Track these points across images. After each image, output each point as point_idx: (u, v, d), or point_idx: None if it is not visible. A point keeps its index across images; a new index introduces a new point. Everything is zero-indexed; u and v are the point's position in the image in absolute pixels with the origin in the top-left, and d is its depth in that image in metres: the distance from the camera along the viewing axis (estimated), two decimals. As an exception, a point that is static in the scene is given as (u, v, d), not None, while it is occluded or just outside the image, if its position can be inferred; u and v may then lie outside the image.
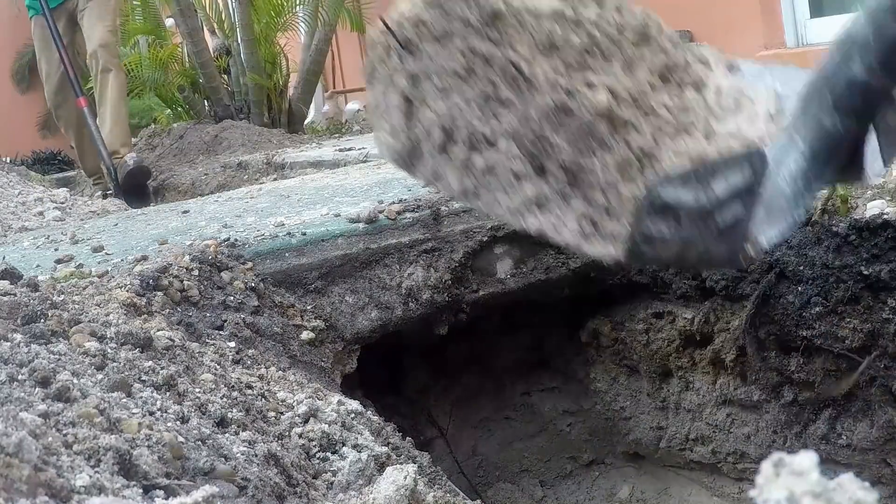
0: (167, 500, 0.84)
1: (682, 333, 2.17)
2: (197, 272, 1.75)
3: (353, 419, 1.39)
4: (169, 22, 7.72)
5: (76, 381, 1.03)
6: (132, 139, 5.73)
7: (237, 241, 1.96)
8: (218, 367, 1.40)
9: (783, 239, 0.93)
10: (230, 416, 1.19)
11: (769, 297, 1.92)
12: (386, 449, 1.31)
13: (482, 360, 2.50)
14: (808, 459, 0.45)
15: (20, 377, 0.99)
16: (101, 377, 1.09)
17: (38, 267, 2.00)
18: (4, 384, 0.96)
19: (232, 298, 1.75)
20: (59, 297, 1.49)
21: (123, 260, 1.93)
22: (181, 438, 1.00)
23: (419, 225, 2.08)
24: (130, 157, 5.25)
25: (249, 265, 1.87)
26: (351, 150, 4.39)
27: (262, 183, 4.12)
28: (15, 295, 1.35)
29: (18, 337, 1.15)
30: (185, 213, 2.64)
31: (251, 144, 5.67)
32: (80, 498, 0.75)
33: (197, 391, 1.22)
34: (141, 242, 2.15)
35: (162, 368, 1.20)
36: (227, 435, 1.13)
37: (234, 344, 1.61)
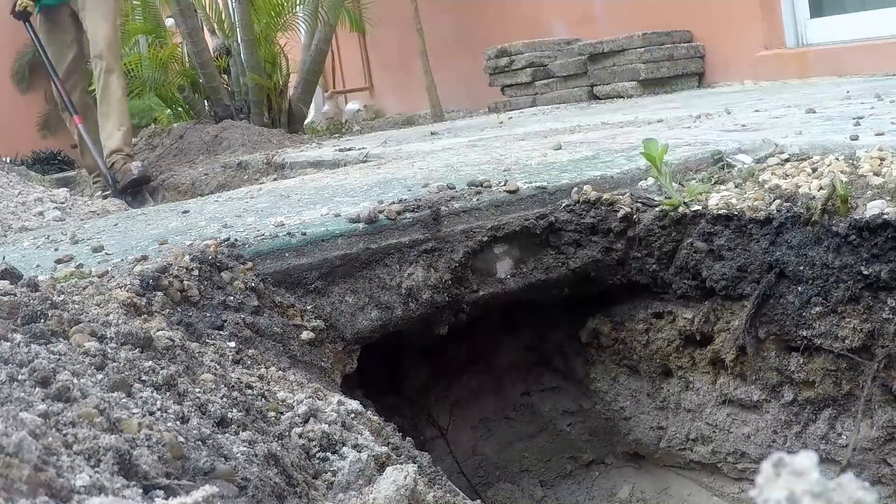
0: (167, 500, 0.84)
1: (682, 333, 2.17)
2: (197, 272, 1.75)
3: (353, 419, 1.39)
4: (169, 22, 7.72)
5: (76, 381, 1.03)
6: (132, 139, 5.74)
7: (237, 241, 1.96)
8: (218, 367, 1.40)
9: None
10: (230, 416, 1.19)
11: (769, 297, 1.92)
12: (386, 449, 1.31)
13: (482, 360, 2.50)
14: (808, 459, 0.45)
15: (20, 377, 0.99)
16: (101, 377, 1.09)
17: (38, 267, 2.00)
18: (4, 384, 0.96)
19: (232, 298, 1.75)
20: (59, 297, 1.49)
21: (123, 260, 1.93)
22: (181, 438, 1.00)
23: (419, 225, 2.08)
24: (136, 165, 5.29)
25: (249, 265, 1.87)
26: (351, 150, 4.39)
27: (262, 183, 4.12)
28: (15, 295, 1.35)
29: (18, 337, 1.15)
30: (185, 213, 2.64)
31: (251, 144, 5.67)
32: (80, 498, 0.75)
33: (197, 391, 1.22)
34: (141, 242, 2.15)
35: (162, 368, 1.20)
36: (227, 435, 1.13)
37: (234, 344, 1.61)
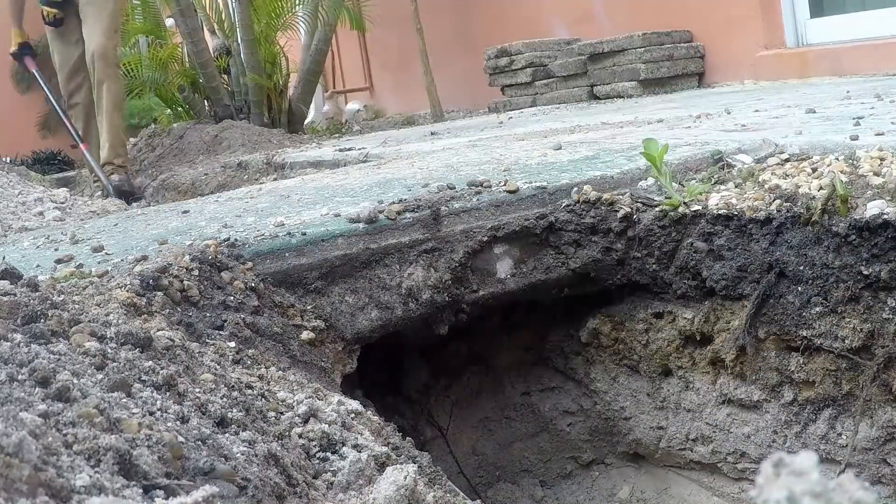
0: (167, 500, 0.84)
1: (682, 333, 2.17)
2: (197, 272, 1.75)
3: (353, 419, 1.39)
4: (169, 22, 7.72)
5: (76, 381, 1.03)
6: (129, 143, 5.74)
7: (237, 241, 1.96)
8: (218, 367, 1.40)
9: None
10: (230, 416, 1.19)
11: (769, 297, 1.92)
12: (386, 449, 1.31)
13: (482, 359, 2.50)
14: (808, 459, 0.45)
15: (20, 377, 0.99)
16: (101, 377, 1.09)
17: (38, 267, 2.00)
18: (4, 384, 0.96)
19: (232, 298, 1.75)
20: (59, 297, 1.49)
21: (123, 260, 1.93)
22: (181, 438, 1.00)
23: (419, 225, 2.08)
24: (113, 179, 5.31)
25: (249, 265, 1.87)
26: (351, 150, 4.40)
27: (262, 183, 4.12)
28: (15, 295, 1.35)
29: (18, 337, 1.15)
30: (185, 213, 2.64)
31: (251, 144, 5.67)
32: (80, 498, 0.75)
33: (197, 391, 1.22)
34: (141, 242, 2.15)
35: (162, 368, 1.20)
36: (227, 435, 1.13)
37: (234, 344, 1.61)
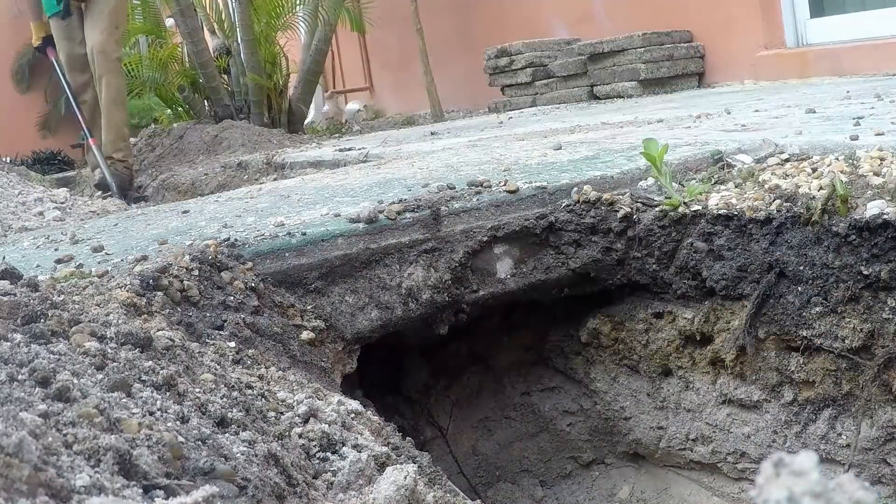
0: (167, 500, 0.84)
1: (682, 333, 2.17)
2: (197, 272, 1.75)
3: (353, 419, 1.39)
4: (169, 22, 7.72)
5: (76, 381, 1.03)
6: (130, 140, 5.75)
7: (237, 241, 1.96)
8: (218, 367, 1.40)
9: None
10: (230, 416, 1.19)
11: (769, 297, 1.92)
12: (386, 449, 1.31)
13: (482, 359, 2.50)
14: (808, 459, 0.45)
15: (20, 377, 0.99)
16: (101, 377, 1.09)
17: (38, 267, 2.00)
18: (4, 384, 0.96)
19: (232, 298, 1.75)
20: (59, 297, 1.49)
21: (123, 260, 1.93)
22: (181, 438, 1.00)
23: (419, 225, 2.08)
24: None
25: (249, 265, 1.87)
26: (351, 150, 4.40)
27: (262, 183, 4.12)
28: (15, 295, 1.35)
29: (18, 337, 1.15)
30: (185, 213, 2.64)
31: (251, 144, 5.68)
32: (80, 498, 0.75)
33: (197, 391, 1.22)
34: (141, 242, 2.15)
35: (162, 368, 1.20)
36: (227, 435, 1.13)
37: (234, 344, 1.61)
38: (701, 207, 2.04)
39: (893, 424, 1.84)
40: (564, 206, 2.18)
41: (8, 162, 6.88)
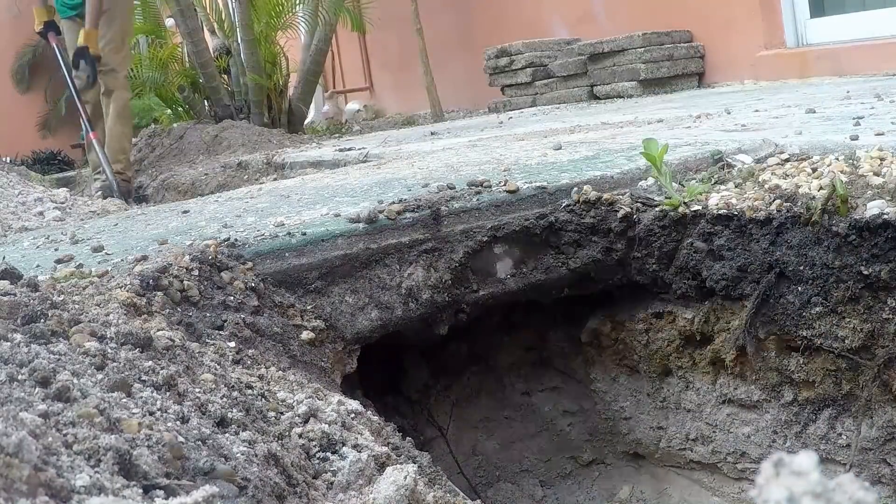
0: (167, 500, 0.84)
1: (682, 333, 2.17)
2: (197, 272, 1.75)
3: (353, 419, 1.39)
4: (169, 22, 7.73)
5: (76, 381, 1.03)
6: (128, 155, 5.78)
7: (237, 241, 1.96)
8: (218, 367, 1.40)
9: None
10: (230, 416, 1.19)
11: (769, 297, 1.92)
12: (386, 449, 1.31)
13: (482, 359, 2.50)
14: (808, 459, 0.45)
15: (20, 377, 0.99)
16: (101, 377, 1.09)
17: (38, 267, 2.00)
18: (4, 384, 0.96)
19: (232, 298, 1.75)
20: (59, 297, 1.49)
21: (123, 260, 1.93)
22: (181, 438, 1.00)
23: (419, 225, 2.08)
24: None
25: (249, 265, 1.87)
26: (351, 150, 4.40)
27: (262, 183, 4.12)
28: (15, 295, 1.35)
29: (18, 337, 1.15)
30: (185, 213, 2.64)
31: (251, 144, 5.68)
32: (80, 498, 0.75)
33: (197, 391, 1.22)
34: (141, 242, 2.15)
35: (162, 368, 1.20)
36: (227, 435, 1.13)
37: (234, 344, 1.61)
38: (701, 207, 2.03)
39: (893, 424, 1.84)
40: (564, 206, 2.18)
41: (8, 162, 6.88)
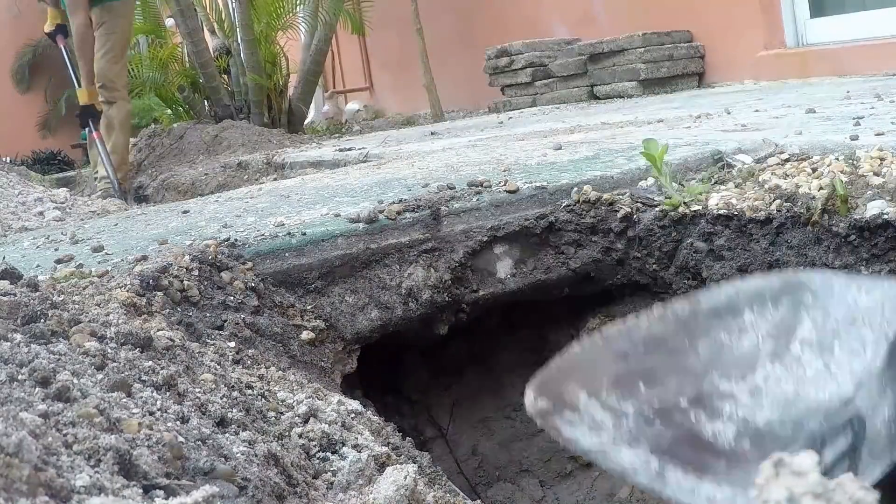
0: (167, 500, 0.84)
1: (682, 333, 2.16)
2: (197, 272, 1.75)
3: (353, 419, 1.39)
4: (169, 22, 7.73)
5: (76, 381, 1.03)
6: (131, 139, 5.81)
7: (237, 241, 1.96)
8: (218, 367, 1.40)
9: (884, 476, 1.04)
10: (230, 416, 1.19)
11: (769, 297, 1.92)
12: (386, 449, 1.31)
13: (482, 359, 2.50)
14: (808, 459, 0.45)
15: (20, 377, 0.99)
16: (101, 377, 1.09)
17: (38, 267, 2.00)
18: (4, 384, 0.96)
19: (232, 298, 1.75)
20: (59, 297, 1.49)
21: (123, 260, 1.93)
22: (181, 438, 1.00)
23: (419, 225, 2.08)
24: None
25: (249, 265, 1.87)
26: (351, 150, 4.40)
27: (262, 183, 4.12)
28: (15, 295, 1.35)
29: (18, 337, 1.15)
30: (185, 213, 2.64)
31: (251, 144, 5.68)
32: (80, 498, 0.75)
33: (197, 391, 1.22)
34: (141, 242, 2.15)
35: (162, 368, 1.20)
36: (227, 435, 1.13)
37: (234, 344, 1.61)
38: (701, 207, 2.03)
39: (893, 424, 1.84)
40: (564, 206, 2.18)
41: (8, 162, 6.88)
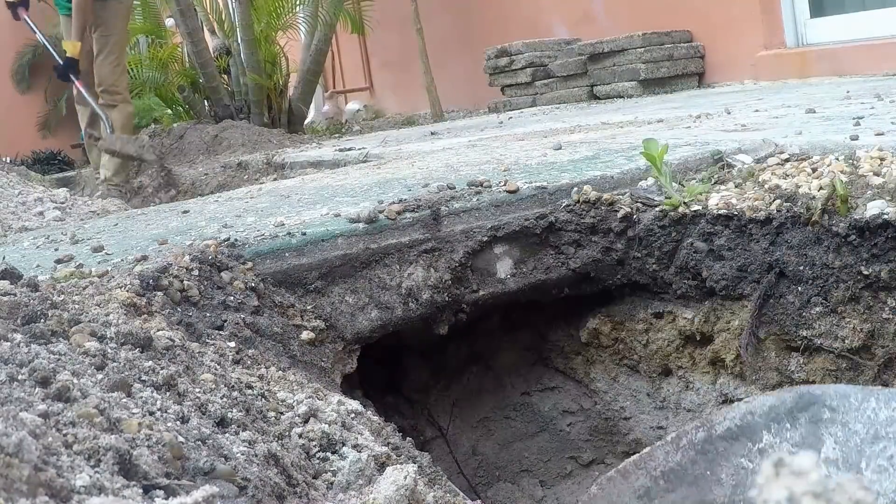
0: (167, 500, 0.84)
1: (682, 333, 2.17)
2: (197, 272, 1.75)
3: (353, 419, 1.39)
4: (169, 22, 7.73)
5: (76, 381, 1.03)
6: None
7: (237, 241, 1.96)
8: (218, 367, 1.40)
9: None
10: (230, 416, 1.19)
11: (769, 297, 1.92)
12: (386, 449, 1.31)
13: (482, 359, 2.50)
14: (808, 459, 0.45)
15: (20, 377, 0.99)
16: (101, 377, 1.09)
17: (38, 267, 2.00)
18: (4, 384, 0.96)
19: (232, 298, 1.75)
20: (59, 297, 1.49)
21: (123, 260, 1.93)
22: (181, 438, 1.00)
23: (419, 225, 2.08)
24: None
25: (249, 265, 1.87)
26: (351, 150, 4.40)
27: (262, 183, 4.12)
28: (15, 295, 1.35)
29: (18, 337, 1.15)
30: (185, 213, 2.64)
31: (251, 144, 5.68)
32: (80, 498, 0.75)
33: (197, 391, 1.22)
34: (141, 242, 2.15)
35: (162, 368, 1.20)
36: (227, 435, 1.13)
37: (234, 344, 1.61)
38: (701, 207, 2.03)
39: (893, 424, 1.84)
40: (564, 206, 2.18)
41: (8, 162, 6.88)
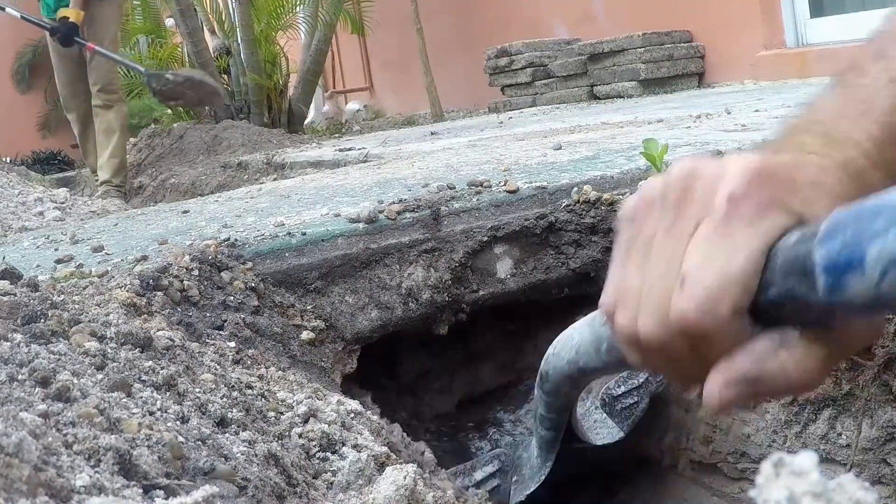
0: (167, 500, 0.84)
1: (682, 333, 2.16)
2: (197, 272, 1.75)
3: (352, 419, 1.39)
4: (169, 22, 7.73)
5: (76, 381, 1.03)
6: (130, 139, 5.81)
7: (237, 241, 1.96)
8: (218, 367, 1.40)
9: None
10: (230, 416, 1.19)
11: (769, 297, 1.92)
12: (386, 449, 1.31)
13: (482, 359, 2.50)
14: (808, 459, 0.45)
15: (20, 377, 0.99)
16: (101, 377, 1.09)
17: (38, 267, 2.00)
18: (4, 384, 0.96)
19: (232, 298, 1.75)
20: (59, 297, 1.49)
21: (123, 260, 1.93)
22: (181, 438, 1.00)
23: (419, 225, 2.08)
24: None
25: (249, 265, 1.87)
26: (351, 150, 4.40)
27: (262, 183, 4.12)
28: (15, 295, 1.35)
29: (18, 337, 1.15)
30: (185, 213, 2.64)
31: (251, 144, 5.68)
32: (80, 498, 0.75)
33: (197, 391, 1.22)
34: (141, 242, 2.15)
35: (162, 368, 1.20)
36: (227, 435, 1.13)
37: (234, 344, 1.61)
38: (701, 207, 2.03)
39: (893, 424, 1.84)
40: (564, 206, 2.18)
41: (8, 162, 6.89)
